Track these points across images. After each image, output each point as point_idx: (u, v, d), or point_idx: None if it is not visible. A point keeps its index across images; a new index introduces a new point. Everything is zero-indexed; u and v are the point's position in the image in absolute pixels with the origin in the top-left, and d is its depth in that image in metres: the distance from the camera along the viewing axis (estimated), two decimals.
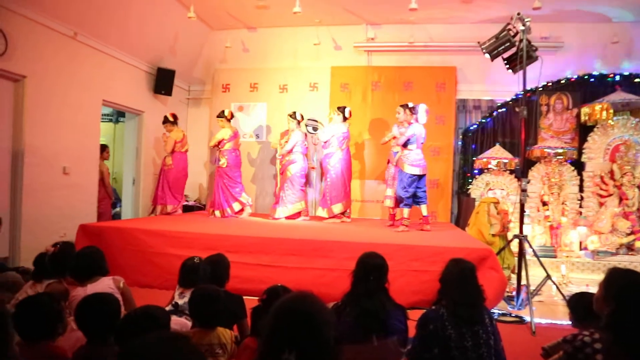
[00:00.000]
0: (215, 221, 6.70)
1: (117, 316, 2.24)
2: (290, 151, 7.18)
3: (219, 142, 7.21)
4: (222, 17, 7.93)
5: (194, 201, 8.66)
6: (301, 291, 1.54)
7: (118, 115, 9.21)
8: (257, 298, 2.77)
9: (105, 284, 2.96)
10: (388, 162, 6.95)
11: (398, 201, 6.36)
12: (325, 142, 7.08)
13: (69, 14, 5.83)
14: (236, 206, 7.25)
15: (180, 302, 3.11)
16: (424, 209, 6.23)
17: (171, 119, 7.40)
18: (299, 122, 7.33)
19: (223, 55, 8.74)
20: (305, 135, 7.44)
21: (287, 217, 7.09)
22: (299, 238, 5.02)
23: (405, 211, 6.14)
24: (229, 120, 7.31)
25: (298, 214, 7.21)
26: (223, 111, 7.35)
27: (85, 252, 3.19)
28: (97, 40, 6.47)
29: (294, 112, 7.31)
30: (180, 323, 2.90)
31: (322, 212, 7.10)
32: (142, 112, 7.83)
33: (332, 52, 8.33)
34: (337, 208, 6.99)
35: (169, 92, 8.10)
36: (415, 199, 6.18)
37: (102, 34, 6.50)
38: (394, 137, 6.58)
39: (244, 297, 3.15)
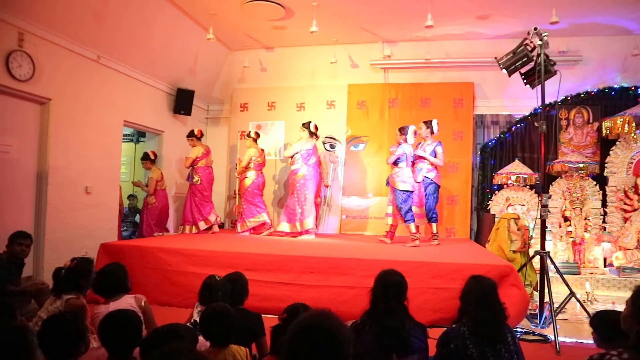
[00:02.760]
0: (234, 239, 6.73)
1: (139, 333, 2.28)
2: (246, 166, 7.39)
3: (193, 161, 7.43)
4: (240, 38, 8.08)
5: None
6: (320, 309, 1.54)
7: (139, 135, 9.39)
8: (276, 316, 2.77)
9: (127, 302, 2.99)
10: None
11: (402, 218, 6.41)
12: (290, 158, 7.19)
13: (93, 38, 6.01)
14: (202, 225, 7.44)
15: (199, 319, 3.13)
16: (434, 226, 6.50)
17: (151, 157, 7.67)
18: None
19: (241, 75, 8.88)
20: (262, 151, 7.66)
21: (246, 231, 7.29)
22: (317, 256, 5.00)
23: (412, 226, 6.26)
24: (199, 139, 7.55)
25: (260, 228, 7.39)
26: (192, 130, 7.58)
27: (109, 269, 3.22)
28: (119, 63, 6.65)
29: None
30: (199, 341, 2.90)
31: (285, 227, 7.11)
32: (162, 132, 7.98)
33: (349, 70, 8.40)
34: (307, 223, 6.99)
35: (188, 112, 8.24)
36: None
37: (124, 56, 6.67)
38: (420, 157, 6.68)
39: (263, 316, 3.15)
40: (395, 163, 6.40)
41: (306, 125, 7.17)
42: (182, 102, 8.12)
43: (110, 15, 5.99)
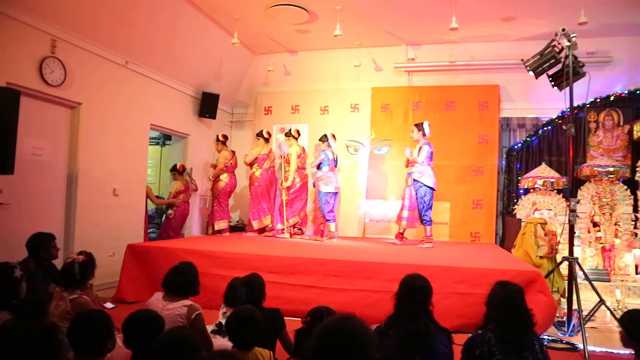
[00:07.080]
0: (258, 242, 6.78)
1: (160, 333, 2.30)
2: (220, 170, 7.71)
3: (174, 195, 7.64)
4: (264, 42, 8.15)
5: (237, 221, 8.80)
6: (344, 313, 1.55)
7: (165, 138, 9.54)
8: (299, 319, 2.78)
9: (176, 310, 2.89)
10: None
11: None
12: (249, 163, 7.74)
13: (121, 44, 6.15)
14: None
15: (224, 321, 3.15)
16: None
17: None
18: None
19: (265, 79, 8.96)
20: (234, 153, 7.97)
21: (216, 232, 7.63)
22: (341, 259, 5.00)
23: (332, 225, 7.10)
24: (180, 174, 7.71)
25: (225, 229, 7.71)
26: (175, 165, 7.79)
27: (178, 268, 3.12)
28: (146, 68, 6.78)
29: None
30: (222, 344, 2.92)
31: (254, 225, 7.63)
32: (188, 135, 8.10)
33: (373, 73, 8.38)
34: (266, 221, 7.58)
35: (213, 116, 8.35)
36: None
37: (151, 61, 6.80)
38: (407, 160, 6.79)
39: (286, 318, 3.14)
40: (319, 167, 7.14)
41: (260, 134, 7.78)
42: (207, 105, 8.23)
43: (138, 21, 6.12)
